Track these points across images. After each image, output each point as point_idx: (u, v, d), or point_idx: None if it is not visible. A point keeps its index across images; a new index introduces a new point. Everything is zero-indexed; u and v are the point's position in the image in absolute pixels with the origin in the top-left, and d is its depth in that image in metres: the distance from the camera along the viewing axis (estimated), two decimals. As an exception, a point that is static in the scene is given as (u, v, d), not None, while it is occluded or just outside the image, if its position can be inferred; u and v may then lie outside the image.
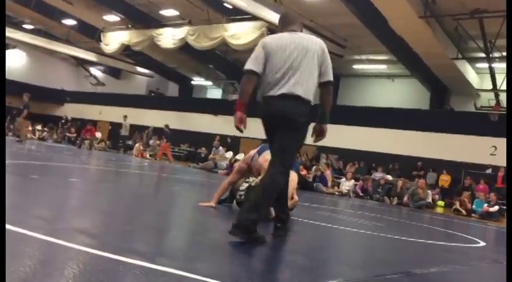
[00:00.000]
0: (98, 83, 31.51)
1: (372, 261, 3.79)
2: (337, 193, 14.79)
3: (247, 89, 3.53)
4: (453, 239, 7.01)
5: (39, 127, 26.13)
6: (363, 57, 21.54)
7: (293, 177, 4.65)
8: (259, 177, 4.68)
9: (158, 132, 22.13)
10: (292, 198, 5.09)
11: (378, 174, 16.42)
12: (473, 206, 13.56)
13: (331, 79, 3.55)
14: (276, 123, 3.52)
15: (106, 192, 6.11)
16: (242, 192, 5.04)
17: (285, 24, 3.72)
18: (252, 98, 3.68)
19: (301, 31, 3.76)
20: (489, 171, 15.91)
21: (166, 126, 20.40)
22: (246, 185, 5.03)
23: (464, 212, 13.33)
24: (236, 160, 18.50)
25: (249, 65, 3.50)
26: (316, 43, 3.59)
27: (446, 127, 17.91)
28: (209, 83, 29.79)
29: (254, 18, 18.01)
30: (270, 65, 3.49)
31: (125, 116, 20.88)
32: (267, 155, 4.77)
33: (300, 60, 3.46)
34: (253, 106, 3.74)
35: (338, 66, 23.50)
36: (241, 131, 3.67)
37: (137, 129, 25.83)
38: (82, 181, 7.00)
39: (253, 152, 5.38)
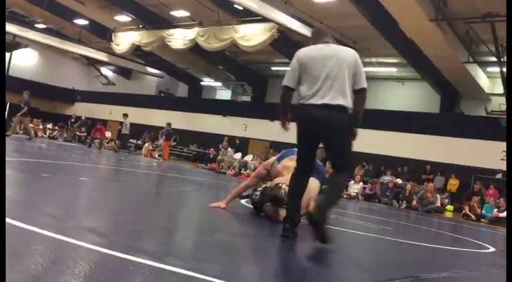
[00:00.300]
0: (109, 82, 31.70)
1: (380, 265, 3.78)
2: (345, 196, 14.76)
3: (287, 101, 3.88)
4: (462, 244, 6.97)
5: (49, 126, 26.34)
6: (373, 60, 21.46)
7: (314, 185, 4.59)
8: (276, 180, 4.82)
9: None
10: (308, 206, 4.91)
11: (386, 178, 16.36)
12: (483, 211, 13.47)
13: (365, 86, 3.74)
14: (320, 131, 3.73)
15: (115, 191, 6.15)
16: (258, 192, 5.06)
17: (319, 37, 3.95)
18: (257, 102, 3.82)
19: (334, 43, 3.96)
20: (499, 176, 15.77)
21: (169, 124, 20.46)
22: (263, 185, 5.04)
23: (473, 217, 13.23)
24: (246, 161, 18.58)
25: (285, 82, 3.81)
26: (349, 53, 3.81)
27: (456, 131, 17.80)
28: (218, 84, 29.86)
29: (264, 19, 18.03)
30: (307, 76, 3.72)
31: (125, 115, 20.81)
32: (287, 162, 4.90)
33: (338, 70, 3.67)
34: (259, 109, 3.83)
35: (348, 69, 23.48)
36: (286, 130, 4.05)
37: (146, 129, 25.96)
38: (92, 180, 7.05)
39: (273, 158, 5.37)
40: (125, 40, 24.71)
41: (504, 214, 12.91)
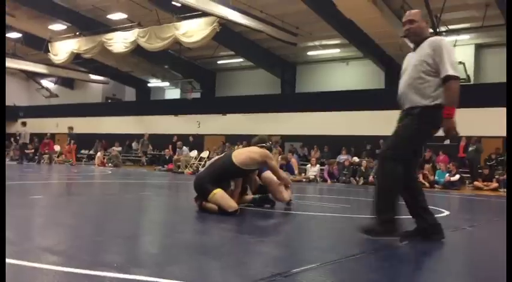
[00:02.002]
0: (51, 95, 30.64)
1: (343, 243, 3.87)
2: (304, 180, 14.96)
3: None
4: (419, 212, 7.22)
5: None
6: (316, 43, 21.77)
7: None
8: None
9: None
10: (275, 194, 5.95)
11: (342, 157, 16.69)
12: (436, 177, 14.03)
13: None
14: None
15: (70, 205, 5.98)
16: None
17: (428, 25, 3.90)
18: (208, 97, 3.74)
19: None
20: (447, 142, 16.41)
21: (71, 128, 20.15)
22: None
23: (427, 184, 13.75)
24: (202, 158, 18.48)
25: (456, 71, 3.55)
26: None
27: (402, 104, 18.34)
28: (166, 84, 29.46)
29: (204, 14, 17.88)
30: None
31: (23, 123, 20.31)
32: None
33: None
34: (210, 104, 3.76)
35: (293, 54, 23.72)
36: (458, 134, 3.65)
37: (97, 138, 25.31)
38: (45, 197, 6.81)
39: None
40: (62, 49, 23.87)
41: (456, 177, 13.52)
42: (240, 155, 5.39)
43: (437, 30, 16.53)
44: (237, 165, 5.24)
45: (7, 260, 2.47)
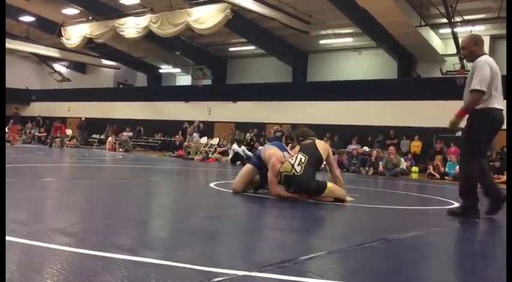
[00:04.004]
0: (63, 79, 30.81)
1: (351, 231, 3.89)
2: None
3: (476, 104, 4.52)
4: (428, 203, 7.22)
5: (6, 129, 25.45)
6: (329, 31, 21.58)
7: (246, 168, 5.96)
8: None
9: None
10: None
11: (351, 146, 16.64)
12: (446, 169, 13.94)
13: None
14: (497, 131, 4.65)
15: (82, 188, 6.05)
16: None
17: (482, 46, 4.83)
18: (219, 84, 3.74)
19: None
20: (459, 133, 16.23)
21: (16, 108, 21.47)
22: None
23: (437, 175, 13.69)
24: (212, 145, 18.54)
25: (481, 86, 4.47)
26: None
27: (414, 94, 18.24)
28: (177, 70, 29.47)
29: (217, 0, 17.81)
30: (494, 84, 4.55)
31: (16, 107, 21.97)
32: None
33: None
34: (221, 92, 3.76)
35: (305, 43, 23.56)
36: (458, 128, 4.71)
37: (108, 123, 25.48)
38: (57, 180, 6.90)
39: (278, 151, 5.67)
40: (75, 34, 23.95)
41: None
42: (321, 144, 5.71)
43: (452, 20, 16.30)
44: (322, 155, 5.55)
45: (20, 240, 2.52)
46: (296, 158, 5.42)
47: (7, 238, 2.52)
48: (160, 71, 30.23)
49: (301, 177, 5.25)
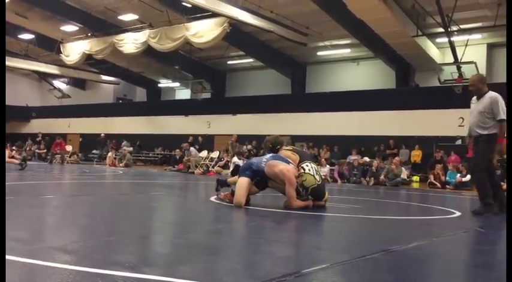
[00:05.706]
0: (63, 95, 30.92)
1: (352, 243, 3.87)
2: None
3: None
4: (430, 213, 7.20)
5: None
6: (326, 43, 21.71)
7: (242, 181, 5.74)
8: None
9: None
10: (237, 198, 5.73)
11: (352, 157, 16.64)
12: (447, 178, 13.91)
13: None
14: None
15: (83, 205, 6.04)
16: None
17: (486, 84, 6.15)
18: (218, 98, 3.74)
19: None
20: (459, 142, 16.31)
21: None
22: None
23: (438, 184, 13.66)
24: (212, 158, 18.52)
25: (505, 115, 5.78)
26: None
27: (413, 104, 18.29)
28: (177, 84, 29.60)
29: (214, 14, 17.94)
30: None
31: None
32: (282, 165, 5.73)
33: None
34: (220, 105, 3.77)
35: (303, 55, 23.68)
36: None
37: (108, 138, 25.51)
38: (57, 197, 6.89)
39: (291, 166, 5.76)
40: (74, 50, 24.10)
41: (467, 178, 13.38)
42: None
43: (449, 29, 16.40)
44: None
45: (20, 259, 2.51)
46: (310, 168, 5.57)
47: (7, 257, 2.52)
48: (159, 85, 30.35)
49: (321, 185, 5.61)
